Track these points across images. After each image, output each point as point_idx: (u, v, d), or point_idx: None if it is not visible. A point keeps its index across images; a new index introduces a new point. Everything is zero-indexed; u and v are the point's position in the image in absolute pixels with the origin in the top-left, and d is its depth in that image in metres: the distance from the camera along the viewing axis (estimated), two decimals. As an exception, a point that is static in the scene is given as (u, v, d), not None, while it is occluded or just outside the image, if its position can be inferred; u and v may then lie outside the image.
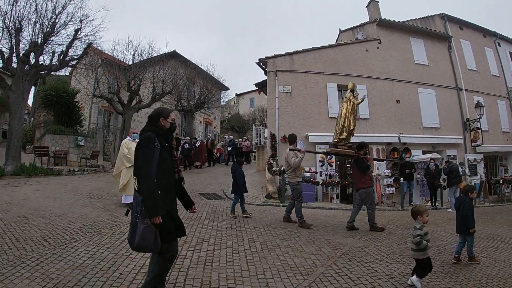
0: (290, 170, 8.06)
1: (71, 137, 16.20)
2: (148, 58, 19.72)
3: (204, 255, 5.17)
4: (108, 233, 5.92)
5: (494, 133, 18.06)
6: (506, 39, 21.05)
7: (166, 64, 21.04)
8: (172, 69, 21.21)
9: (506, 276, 4.82)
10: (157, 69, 19.95)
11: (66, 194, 9.31)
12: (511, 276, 4.82)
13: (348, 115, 8.57)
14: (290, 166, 8.03)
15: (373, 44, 16.36)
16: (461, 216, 5.60)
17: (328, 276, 4.62)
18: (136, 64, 19.01)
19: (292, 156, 8.05)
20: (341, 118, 8.64)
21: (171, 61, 22.56)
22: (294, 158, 8.00)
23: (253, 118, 35.71)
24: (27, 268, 4.05)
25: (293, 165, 7.96)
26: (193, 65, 24.41)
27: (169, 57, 22.73)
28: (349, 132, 8.56)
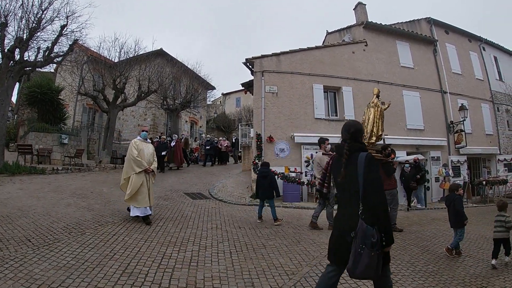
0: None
1: (55, 135, 15.92)
2: (134, 56, 19.51)
3: (189, 255, 5.15)
4: (92, 233, 5.85)
5: (478, 135, 18.37)
6: (491, 43, 21.54)
7: (152, 62, 20.87)
8: (158, 67, 21.04)
9: (489, 275, 4.90)
10: (143, 67, 19.76)
11: (49, 193, 9.16)
12: (494, 275, 4.89)
13: (377, 120, 8.84)
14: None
15: (359, 46, 16.49)
16: (453, 212, 6.16)
17: (313, 276, 4.63)
18: (122, 62, 18.80)
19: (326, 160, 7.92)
20: (369, 123, 8.81)
21: (157, 59, 22.40)
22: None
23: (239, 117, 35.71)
24: (10, 268, 3.98)
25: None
26: (179, 64, 24.21)
27: (155, 55, 22.56)
28: (378, 137, 8.84)
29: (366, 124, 8.97)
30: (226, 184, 13.22)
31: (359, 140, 3.09)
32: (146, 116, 25.07)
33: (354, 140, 3.05)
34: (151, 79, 19.37)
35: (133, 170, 7.00)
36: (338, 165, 3.13)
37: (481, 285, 4.51)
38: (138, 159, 7.02)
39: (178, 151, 17.72)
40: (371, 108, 9.10)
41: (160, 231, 6.37)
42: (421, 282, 4.56)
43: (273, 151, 13.81)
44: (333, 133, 14.45)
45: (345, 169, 2.97)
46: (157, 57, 22.64)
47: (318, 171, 7.76)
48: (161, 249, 5.31)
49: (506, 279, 4.72)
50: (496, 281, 4.63)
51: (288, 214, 9.75)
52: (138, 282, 3.98)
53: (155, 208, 8.56)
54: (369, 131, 8.85)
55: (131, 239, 5.69)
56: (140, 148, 7.21)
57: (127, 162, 7.20)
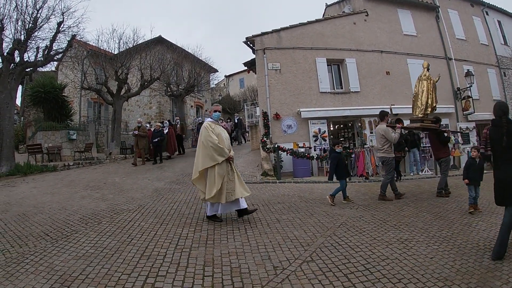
0: (387, 145, 8.19)
1: (63, 132, 16.04)
2: (134, 46, 19.42)
3: (205, 234, 5.20)
4: (109, 221, 5.93)
5: (485, 101, 18.10)
6: (493, 7, 20.97)
7: (152, 50, 20.73)
8: (158, 54, 20.88)
9: (503, 239, 4.86)
10: (143, 55, 19.65)
11: (63, 189, 9.27)
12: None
13: (430, 92, 8.94)
14: (387, 141, 8.13)
15: (360, 17, 16.19)
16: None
17: (328, 246, 4.68)
18: (122, 53, 18.74)
19: (392, 131, 8.18)
20: (423, 95, 8.96)
21: (157, 47, 22.25)
22: (393, 133, 8.14)
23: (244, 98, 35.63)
24: (31, 263, 4.03)
25: (394, 140, 8.14)
26: (180, 49, 24.04)
27: (155, 43, 22.42)
28: (432, 108, 8.98)
29: (420, 96, 9.07)
30: (236, 164, 13.17)
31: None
32: (151, 105, 25.09)
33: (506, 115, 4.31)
34: (152, 67, 19.30)
35: (214, 160, 5.81)
36: (496, 134, 4.38)
37: (496, 249, 4.51)
38: (220, 146, 5.85)
39: (172, 139, 16.57)
40: (423, 81, 9.17)
41: (175, 214, 6.44)
42: (435, 247, 4.58)
43: (280, 128, 13.79)
44: (339, 106, 14.43)
45: (507, 137, 4.20)
46: (156, 45, 22.50)
47: (382, 142, 8.17)
48: (177, 230, 5.38)
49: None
50: (510, 244, 4.60)
51: (300, 189, 9.80)
52: (157, 263, 4.05)
53: (168, 192, 8.66)
54: (424, 103, 8.94)
55: (147, 223, 5.76)
56: (218, 132, 6.08)
57: (203, 151, 5.92)
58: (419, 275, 3.72)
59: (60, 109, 17.83)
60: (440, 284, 3.49)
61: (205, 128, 6.01)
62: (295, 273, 3.79)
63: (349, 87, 15.00)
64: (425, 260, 4.13)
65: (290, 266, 3.99)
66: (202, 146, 5.93)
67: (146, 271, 3.83)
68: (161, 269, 3.90)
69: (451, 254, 4.32)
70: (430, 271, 3.80)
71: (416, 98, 9.21)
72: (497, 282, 3.51)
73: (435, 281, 3.57)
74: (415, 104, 9.18)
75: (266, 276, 3.71)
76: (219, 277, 3.70)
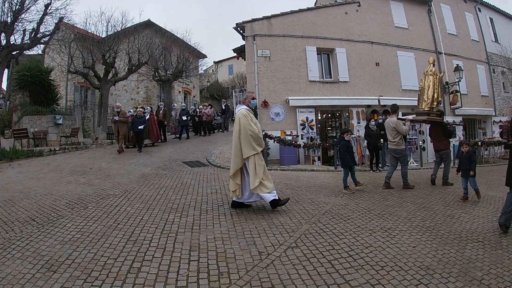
0: (399, 137, 8.49)
1: (49, 117, 15.76)
2: (122, 29, 19.10)
3: (191, 220, 5.23)
4: (95, 206, 5.93)
5: (473, 96, 18.35)
6: (486, 4, 21.17)
7: (141, 34, 20.36)
8: (147, 38, 20.57)
9: (485, 231, 4.98)
10: (131, 39, 19.34)
11: (49, 174, 9.21)
12: (490, 231, 4.98)
13: (436, 87, 9.36)
14: (398, 134, 8.43)
15: (352, 7, 16.16)
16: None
17: (312, 232, 4.74)
18: (110, 36, 18.43)
19: (402, 123, 8.54)
20: (429, 89, 9.34)
21: (145, 31, 21.91)
22: (404, 126, 8.50)
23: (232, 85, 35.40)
24: (17, 249, 4.02)
25: (405, 132, 8.56)
26: (168, 34, 23.72)
27: (143, 26, 22.08)
28: (438, 102, 9.48)
29: (426, 91, 9.44)
30: (224, 151, 13.23)
31: None
32: (138, 90, 24.79)
33: None
34: (140, 51, 19.01)
35: (254, 150, 5.62)
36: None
37: (477, 240, 4.61)
38: (259, 136, 5.70)
39: (154, 126, 15.56)
40: (429, 76, 9.54)
41: (161, 199, 6.44)
42: (418, 237, 4.66)
43: (268, 115, 13.79)
44: (327, 95, 14.47)
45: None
46: (145, 29, 22.16)
47: (393, 135, 8.50)
48: (163, 215, 5.39)
49: (502, 235, 4.80)
50: (492, 237, 4.71)
51: (286, 176, 9.87)
52: (143, 248, 4.06)
53: (155, 178, 8.64)
54: (430, 97, 9.30)
55: (133, 209, 5.76)
56: (255, 121, 5.83)
57: (244, 140, 5.64)
58: (402, 263, 3.78)
59: (47, 93, 17.48)
60: (422, 273, 3.55)
61: (243, 116, 5.72)
62: (280, 258, 3.84)
63: (338, 76, 15.03)
64: (408, 249, 4.20)
65: (275, 251, 4.03)
66: (241, 135, 5.65)
67: (132, 255, 3.84)
68: (147, 253, 3.91)
69: (434, 244, 4.40)
70: (413, 260, 3.87)
71: (422, 92, 9.62)
72: (478, 273, 3.59)
73: (417, 269, 3.63)
74: (421, 98, 9.55)
75: (251, 261, 3.75)
76: (204, 261, 3.72)
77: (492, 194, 7.76)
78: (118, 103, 14.82)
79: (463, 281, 3.40)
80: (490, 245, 4.40)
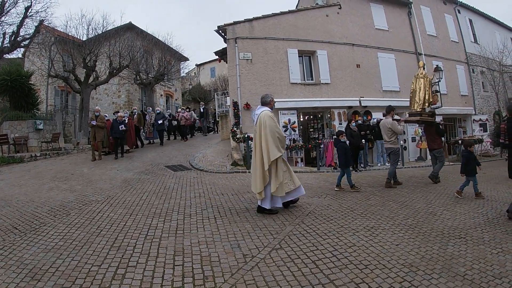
0: (394, 137, 8.86)
1: (30, 122, 15.39)
2: (103, 32, 18.87)
3: (175, 224, 5.21)
4: (77, 213, 5.85)
5: (453, 96, 18.76)
6: (466, 6, 21.70)
7: (122, 37, 20.19)
8: (128, 41, 20.38)
9: (467, 227, 5.08)
10: (113, 42, 19.12)
11: (30, 180, 9.04)
12: (471, 227, 5.08)
13: (427, 89, 9.84)
14: (394, 133, 8.77)
15: (333, 10, 16.37)
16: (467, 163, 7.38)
17: (296, 234, 4.76)
18: (90, 39, 18.18)
19: (398, 124, 8.84)
20: (421, 91, 9.83)
21: (127, 34, 21.72)
22: (399, 126, 8.82)
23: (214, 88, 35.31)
24: (0, 258, 3.95)
25: (400, 132, 8.90)
26: (150, 37, 23.55)
27: (124, 29, 21.87)
28: (429, 103, 9.97)
29: (418, 92, 9.84)
30: (206, 154, 13.19)
31: None
32: (120, 93, 24.45)
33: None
34: (122, 55, 18.82)
35: (280, 152, 5.65)
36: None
37: (459, 236, 4.69)
38: (284, 138, 5.81)
39: (131, 130, 14.97)
40: (420, 78, 10.04)
41: (144, 204, 6.38)
42: (401, 235, 4.72)
43: (250, 118, 13.72)
44: (309, 97, 14.60)
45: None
46: (126, 31, 21.96)
47: (389, 134, 8.81)
48: (146, 221, 5.34)
49: (484, 230, 4.91)
50: (474, 233, 4.80)
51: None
52: (127, 254, 4.03)
53: (137, 183, 8.56)
54: (421, 98, 9.79)
55: (116, 214, 5.70)
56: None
57: (271, 142, 5.60)
58: (385, 261, 3.84)
59: (27, 98, 17.06)
60: (406, 270, 3.61)
61: (270, 117, 5.77)
62: (264, 260, 3.85)
63: (319, 78, 15.18)
64: (391, 247, 4.26)
65: (260, 253, 4.05)
66: (268, 137, 5.62)
67: (116, 262, 3.81)
68: (131, 259, 3.88)
69: (416, 242, 4.47)
70: (396, 258, 3.93)
71: (413, 94, 10.03)
72: (461, 268, 3.66)
73: (401, 267, 3.69)
74: (413, 100, 9.98)
75: (236, 264, 3.75)
76: (189, 266, 3.71)
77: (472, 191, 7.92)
78: (98, 107, 14.13)
79: (446, 277, 3.46)
80: (472, 241, 4.49)
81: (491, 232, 4.87)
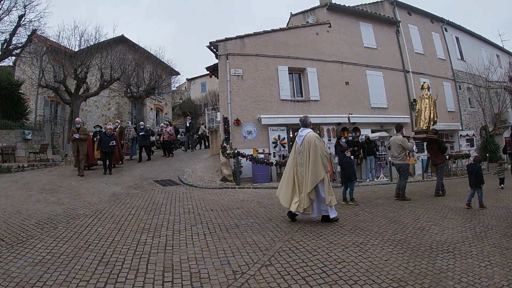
0: (404, 153, 9.35)
1: (18, 131, 15.20)
2: (95, 44, 18.94)
3: (164, 240, 5.17)
4: (65, 226, 5.77)
5: (440, 112, 18.91)
6: (452, 24, 22.30)
7: (114, 50, 20.26)
8: (120, 54, 20.42)
9: (455, 241, 5.15)
10: (104, 55, 19.18)
11: (17, 191, 8.92)
12: (459, 241, 5.15)
13: (432, 109, 10.76)
14: (403, 150, 9.29)
15: (323, 28, 16.65)
16: (476, 176, 8.02)
17: (286, 250, 4.76)
18: (82, 51, 18.22)
19: (407, 142, 9.49)
20: (426, 111, 10.78)
21: (119, 46, 21.78)
22: (408, 143, 9.49)
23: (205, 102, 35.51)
24: None
25: (410, 148, 9.62)
26: (142, 50, 23.67)
27: (117, 42, 21.94)
28: (434, 122, 10.85)
29: (423, 112, 10.81)
30: (196, 169, 13.18)
31: None
32: (110, 106, 24.37)
33: None
34: (113, 67, 18.85)
35: (326, 170, 6.35)
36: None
37: (448, 250, 4.75)
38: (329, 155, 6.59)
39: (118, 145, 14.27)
40: (425, 99, 10.96)
41: (133, 219, 6.34)
42: (390, 250, 4.76)
43: (240, 134, 13.89)
44: (299, 114, 14.67)
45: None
46: (118, 44, 22.02)
47: (399, 151, 9.29)
48: (135, 236, 5.30)
49: (472, 244, 4.99)
50: (462, 247, 4.87)
51: (259, 194, 9.91)
52: (116, 269, 3.98)
53: (126, 197, 8.51)
54: (427, 117, 10.69)
55: (104, 229, 5.64)
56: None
57: (320, 160, 6.28)
58: (375, 276, 3.87)
59: (16, 107, 16.92)
60: (395, 285, 3.64)
61: (318, 139, 6.51)
62: (254, 277, 3.85)
63: (309, 95, 15.36)
64: (380, 262, 4.29)
65: (249, 270, 4.04)
66: (319, 157, 6.26)
67: (105, 277, 3.77)
68: (120, 275, 3.84)
69: (405, 256, 4.51)
70: (385, 273, 3.96)
71: (419, 114, 11.01)
72: (449, 282, 3.70)
73: (390, 282, 3.72)
74: (419, 119, 10.92)
75: (226, 281, 3.74)
76: (178, 282, 3.69)
77: (460, 206, 8.05)
78: (78, 118, 13.26)
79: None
80: (461, 255, 4.55)
81: (478, 245, 4.95)
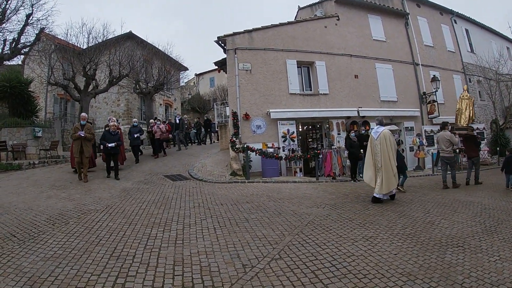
0: (451, 147, 10.36)
1: (29, 129, 15.36)
2: (103, 41, 18.99)
3: (174, 234, 5.21)
4: (76, 222, 5.83)
5: (450, 105, 18.79)
6: (462, 16, 21.88)
7: (122, 46, 20.25)
8: (128, 51, 20.44)
9: (465, 236, 5.12)
10: (113, 51, 19.22)
11: (28, 188, 9.00)
12: (469, 236, 5.12)
13: (471, 109, 12.56)
14: (451, 144, 10.29)
15: (331, 21, 16.48)
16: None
17: (296, 244, 4.78)
18: (91, 48, 18.27)
19: (455, 137, 10.55)
20: (466, 110, 12.58)
21: (127, 43, 21.80)
22: (456, 138, 10.60)
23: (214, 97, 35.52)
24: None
25: (457, 143, 10.77)
26: (150, 46, 23.74)
27: (125, 38, 21.99)
28: (472, 120, 12.87)
29: (464, 111, 12.59)
30: (206, 164, 13.20)
31: None
32: (119, 102, 24.48)
33: None
34: (121, 63, 18.89)
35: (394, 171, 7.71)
36: None
37: (457, 244, 4.73)
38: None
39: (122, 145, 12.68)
40: (465, 99, 12.69)
41: (144, 214, 6.39)
42: (399, 244, 4.75)
43: (249, 128, 13.83)
44: (308, 108, 14.67)
45: None
46: (126, 41, 22.04)
47: (447, 145, 10.29)
48: (146, 230, 5.35)
49: (482, 239, 4.96)
50: (472, 241, 4.85)
51: (268, 188, 9.90)
52: (127, 263, 4.03)
53: (136, 192, 8.57)
54: (467, 116, 12.53)
55: (115, 224, 5.70)
56: None
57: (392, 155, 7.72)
58: (384, 270, 3.87)
59: (26, 105, 17.06)
60: (404, 279, 3.64)
61: (392, 135, 7.96)
62: (264, 270, 3.87)
63: (318, 89, 15.25)
64: (389, 256, 4.29)
65: (259, 264, 4.07)
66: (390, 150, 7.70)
67: (116, 271, 3.81)
68: (131, 269, 3.89)
69: (415, 251, 4.50)
70: (394, 267, 3.96)
71: (459, 112, 12.80)
72: (459, 277, 3.69)
73: (399, 276, 3.72)
74: (460, 117, 12.74)
75: (236, 274, 3.77)
76: (189, 276, 3.72)
77: (470, 200, 7.97)
78: (84, 113, 11.75)
79: (444, 286, 3.50)
80: (470, 249, 4.53)
81: (488, 240, 4.92)
